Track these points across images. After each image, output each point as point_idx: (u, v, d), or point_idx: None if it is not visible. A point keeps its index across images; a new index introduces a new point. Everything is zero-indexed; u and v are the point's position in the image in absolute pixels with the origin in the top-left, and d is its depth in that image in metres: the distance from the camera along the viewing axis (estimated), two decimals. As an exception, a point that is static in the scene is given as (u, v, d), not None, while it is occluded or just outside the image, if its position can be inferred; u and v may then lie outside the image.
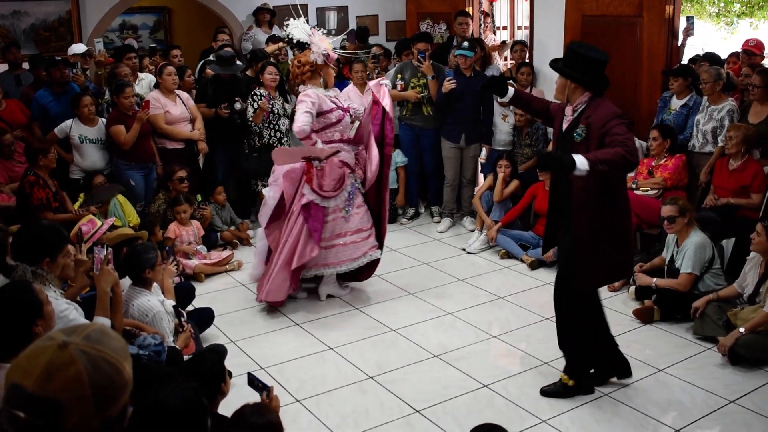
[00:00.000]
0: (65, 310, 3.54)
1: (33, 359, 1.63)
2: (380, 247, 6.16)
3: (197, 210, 7.17)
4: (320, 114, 5.82)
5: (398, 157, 8.07)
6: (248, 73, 8.25)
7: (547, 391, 4.56)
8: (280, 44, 8.77)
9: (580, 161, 3.78)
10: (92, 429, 1.64)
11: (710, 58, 7.42)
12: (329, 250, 5.92)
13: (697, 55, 7.89)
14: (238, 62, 8.26)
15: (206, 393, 2.49)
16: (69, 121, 6.85)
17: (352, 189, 5.95)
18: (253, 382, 3.39)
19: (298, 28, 5.87)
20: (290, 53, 8.99)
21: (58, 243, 3.64)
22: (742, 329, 4.80)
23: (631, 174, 6.67)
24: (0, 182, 6.37)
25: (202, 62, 8.85)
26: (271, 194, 5.97)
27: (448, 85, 7.39)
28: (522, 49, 8.69)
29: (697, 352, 5.08)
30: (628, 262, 4.44)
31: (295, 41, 5.89)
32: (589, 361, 4.56)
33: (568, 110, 4.29)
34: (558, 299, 4.56)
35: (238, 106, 7.49)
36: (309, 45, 5.90)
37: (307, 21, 6.23)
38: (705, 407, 4.38)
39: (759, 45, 7.40)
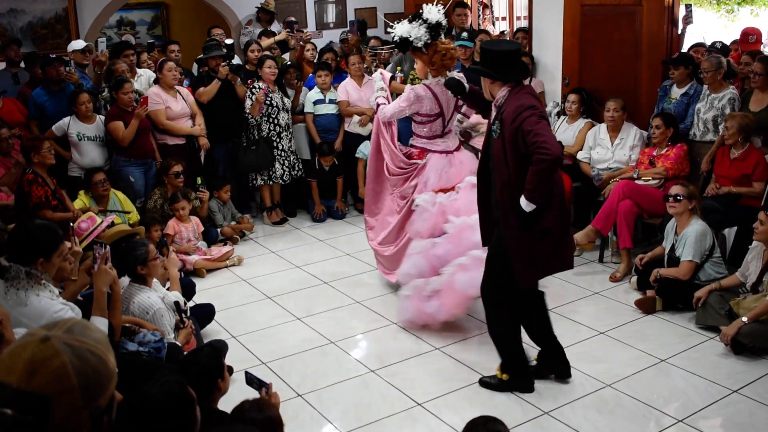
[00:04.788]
0: (60, 311, 3.51)
1: (15, 356, 1.61)
2: None
3: (197, 192, 7.16)
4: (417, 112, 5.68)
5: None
6: (247, 67, 8.23)
7: (485, 382, 4.55)
8: (278, 38, 8.75)
9: (523, 203, 3.99)
10: (82, 421, 1.62)
11: (717, 48, 7.43)
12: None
13: (702, 44, 7.88)
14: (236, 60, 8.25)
15: (201, 388, 2.47)
16: (67, 119, 6.83)
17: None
18: (251, 380, 3.37)
19: (432, 13, 5.52)
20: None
21: (52, 243, 3.60)
22: (744, 318, 4.78)
23: (632, 164, 6.66)
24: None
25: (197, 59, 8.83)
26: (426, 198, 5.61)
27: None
28: (524, 36, 8.65)
29: (700, 341, 5.06)
30: (560, 259, 4.33)
31: (433, 23, 5.48)
32: (512, 355, 4.47)
33: (494, 107, 4.31)
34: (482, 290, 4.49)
35: (228, 41, 7.80)
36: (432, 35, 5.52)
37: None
38: (708, 397, 4.36)
39: (753, 32, 7.42)
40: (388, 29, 5.73)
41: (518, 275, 4.20)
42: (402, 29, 5.51)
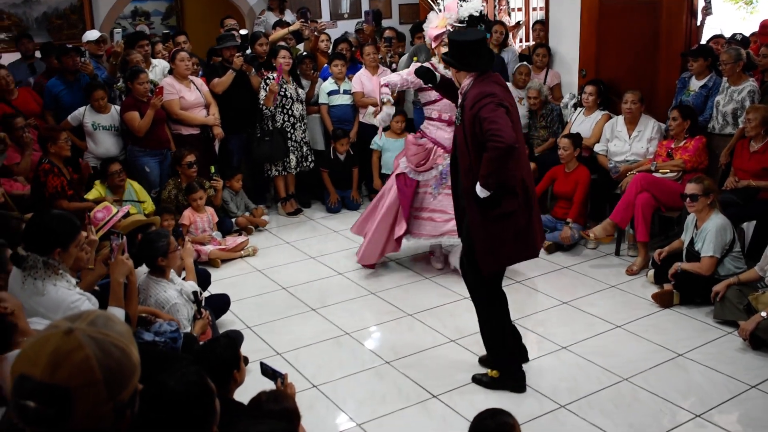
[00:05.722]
0: (77, 300, 3.51)
1: (38, 348, 1.59)
2: None
3: (211, 182, 7.16)
4: (422, 90, 5.93)
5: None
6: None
7: (476, 379, 4.52)
8: (291, 28, 8.70)
9: (478, 189, 4.06)
10: (105, 415, 1.61)
11: (737, 40, 7.35)
12: (414, 221, 6.11)
13: (721, 35, 7.79)
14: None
15: (217, 379, 2.46)
16: (82, 109, 6.85)
17: (445, 170, 5.88)
18: (267, 371, 3.36)
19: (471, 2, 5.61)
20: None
21: (69, 233, 3.60)
22: (763, 313, 4.72)
23: (650, 156, 6.60)
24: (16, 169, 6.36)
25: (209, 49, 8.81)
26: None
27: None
28: (542, 29, 8.60)
29: (717, 336, 5.01)
30: (525, 247, 4.30)
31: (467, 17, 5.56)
32: (503, 353, 4.43)
33: (459, 94, 4.33)
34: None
35: (243, 32, 7.78)
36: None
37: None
38: (725, 392, 4.32)
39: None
40: (462, 2, 5.63)
41: (480, 261, 4.21)
42: (475, 5, 5.57)
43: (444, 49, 5.38)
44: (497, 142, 3.89)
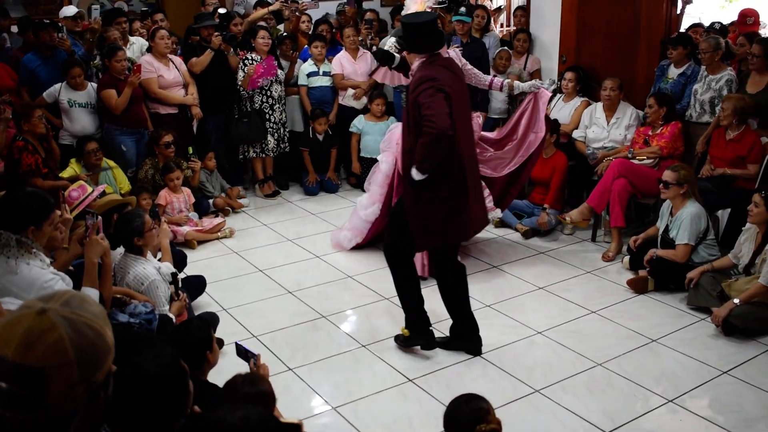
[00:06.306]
0: (50, 280, 3.46)
1: (11, 328, 1.56)
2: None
3: (188, 162, 7.11)
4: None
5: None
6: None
7: (395, 338, 4.77)
8: (272, 8, 8.61)
9: (413, 172, 4.16)
10: (78, 396, 1.58)
11: (716, 29, 7.39)
12: None
13: (700, 24, 7.83)
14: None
15: (190, 360, 2.45)
16: (58, 85, 6.73)
17: None
18: (241, 351, 3.36)
19: None
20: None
21: (43, 211, 3.53)
22: (736, 300, 4.79)
23: (628, 143, 6.63)
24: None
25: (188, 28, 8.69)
26: (383, 159, 6.07)
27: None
28: (523, 14, 8.59)
29: (691, 322, 5.07)
30: (456, 230, 4.42)
31: None
32: (412, 312, 4.65)
33: (410, 76, 4.41)
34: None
35: (222, 10, 7.91)
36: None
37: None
38: (698, 378, 4.37)
39: (751, 13, 7.37)
40: None
41: (415, 239, 4.39)
42: None
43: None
44: (430, 127, 3.96)
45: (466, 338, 4.68)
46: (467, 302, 4.68)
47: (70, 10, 7.86)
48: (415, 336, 4.64)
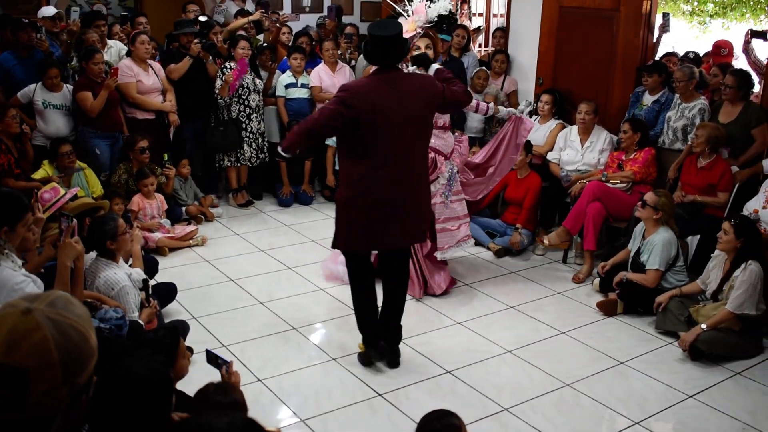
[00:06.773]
0: (21, 282, 3.40)
1: None
2: None
3: (163, 169, 7.05)
4: None
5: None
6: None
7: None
8: (252, 18, 8.61)
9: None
10: (60, 398, 1.57)
11: (690, 58, 7.53)
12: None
13: (674, 53, 7.97)
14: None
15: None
16: (33, 86, 6.65)
17: (452, 175, 5.79)
18: (212, 358, 3.33)
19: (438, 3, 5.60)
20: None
21: (17, 212, 3.48)
22: (703, 326, 4.86)
23: (601, 167, 6.72)
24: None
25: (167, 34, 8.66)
26: None
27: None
28: (502, 36, 8.68)
29: (659, 346, 5.12)
30: (356, 241, 4.49)
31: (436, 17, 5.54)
32: (361, 324, 4.75)
33: None
34: None
35: (202, 18, 7.78)
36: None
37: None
38: (664, 401, 4.42)
39: (725, 45, 7.54)
40: (429, 4, 5.62)
41: (334, 236, 4.54)
42: (443, 5, 5.58)
43: (415, 52, 5.37)
44: (303, 122, 4.40)
45: (386, 349, 4.73)
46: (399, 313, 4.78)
47: (49, 11, 7.80)
48: (367, 351, 4.72)
